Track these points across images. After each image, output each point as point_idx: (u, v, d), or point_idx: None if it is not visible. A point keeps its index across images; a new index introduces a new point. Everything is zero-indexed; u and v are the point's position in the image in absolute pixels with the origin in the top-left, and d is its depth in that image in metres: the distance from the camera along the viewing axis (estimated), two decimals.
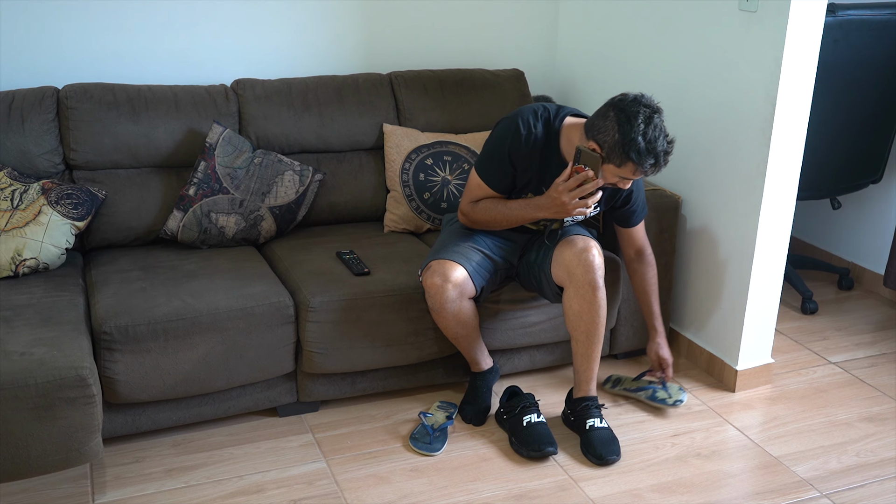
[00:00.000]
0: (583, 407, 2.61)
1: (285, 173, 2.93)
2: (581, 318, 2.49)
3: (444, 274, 2.45)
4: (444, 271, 2.45)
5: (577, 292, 2.46)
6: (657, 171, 2.31)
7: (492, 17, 3.55)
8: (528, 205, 2.45)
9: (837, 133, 3.26)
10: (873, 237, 3.74)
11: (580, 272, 2.44)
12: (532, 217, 2.46)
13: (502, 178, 2.50)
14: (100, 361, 2.34)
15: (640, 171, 2.29)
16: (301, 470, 2.47)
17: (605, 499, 2.38)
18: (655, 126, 2.25)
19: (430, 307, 2.52)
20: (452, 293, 2.45)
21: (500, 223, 2.54)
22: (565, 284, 2.49)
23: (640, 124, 2.23)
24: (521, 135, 2.44)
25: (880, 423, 2.77)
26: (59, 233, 2.63)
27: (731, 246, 2.87)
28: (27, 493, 2.32)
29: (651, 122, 2.24)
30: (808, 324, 3.46)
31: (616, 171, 2.30)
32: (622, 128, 2.24)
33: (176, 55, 3.13)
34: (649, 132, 2.23)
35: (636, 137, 2.23)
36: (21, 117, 2.75)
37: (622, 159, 2.26)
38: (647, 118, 2.24)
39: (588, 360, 2.57)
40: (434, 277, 2.46)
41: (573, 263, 2.45)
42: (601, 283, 2.46)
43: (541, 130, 2.45)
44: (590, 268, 2.44)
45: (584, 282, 2.45)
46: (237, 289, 2.54)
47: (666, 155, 2.28)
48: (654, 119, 2.25)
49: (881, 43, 3.15)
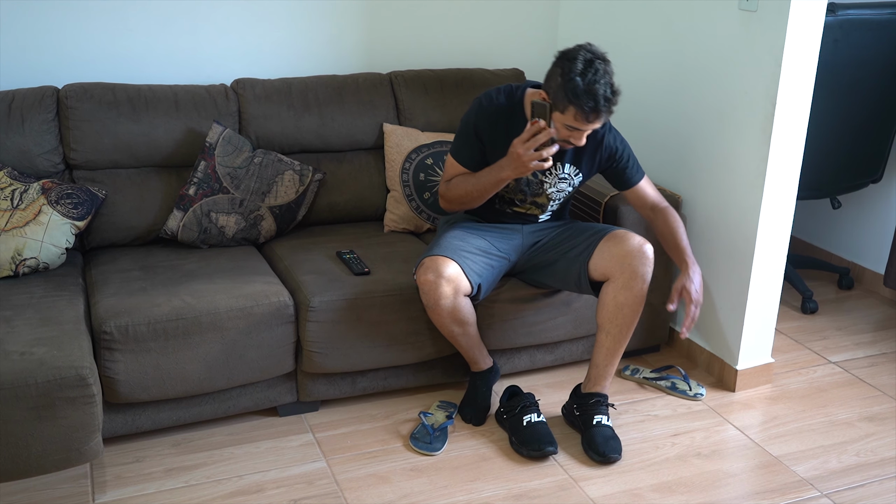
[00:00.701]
0: (594, 402, 2.61)
1: (285, 173, 2.93)
2: (621, 311, 2.51)
3: (437, 270, 2.45)
4: (436, 267, 2.46)
5: (626, 284, 2.49)
6: (600, 119, 2.32)
7: (492, 17, 3.55)
8: (493, 168, 2.50)
9: (837, 133, 3.26)
10: (873, 237, 3.74)
11: (636, 264, 2.48)
12: (497, 178, 2.48)
13: (471, 153, 2.56)
14: (100, 361, 2.34)
15: (581, 117, 2.30)
16: (301, 470, 2.47)
17: (605, 498, 2.38)
18: (596, 70, 2.28)
19: (425, 304, 2.52)
20: (446, 289, 2.45)
21: (472, 195, 2.56)
22: (613, 276, 2.51)
23: (579, 66, 2.27)
24: (483, 106, 2.53)
25: (880, 423, 2.77)
26: (59, 232, 2.63)
27: (731, 246, 2.87)
28: (27, 493, 2.32)
29: (591, 66, 2.28)
30: (808, 323, 3.46)
31: (562, 119, 2.34)
32: (563, 71, 2.30)
33: (176, 55, 3.12)
34: (588, 75, 2.27)
35: (574, 78, 2.27)
36: (21, 117, 2.75)
37: (564, 104, 2.30)
38: (588, 62, 2.28)
39: (612, 355, 2.59)
40: (427, 274, 2.46)
41: (630, 255, 2.48)
42: (649, 279, 2.50)
43: (503, 100, 2.53)
44: (647, 261, 2.49)
45: (638, 274, 2.48)
46: (237, 289, 2.54)
47: (608, 102, 2.29)
48: (596, 63, 2.29)
49: (881, 43, 3.16)
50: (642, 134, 3.22)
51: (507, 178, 2.46)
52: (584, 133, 2.38)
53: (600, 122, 2.34)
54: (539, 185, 2.61)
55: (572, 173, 2.61)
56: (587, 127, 2.34)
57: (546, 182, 2.60)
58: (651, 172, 3.18)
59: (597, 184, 3.01)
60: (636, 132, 3.26)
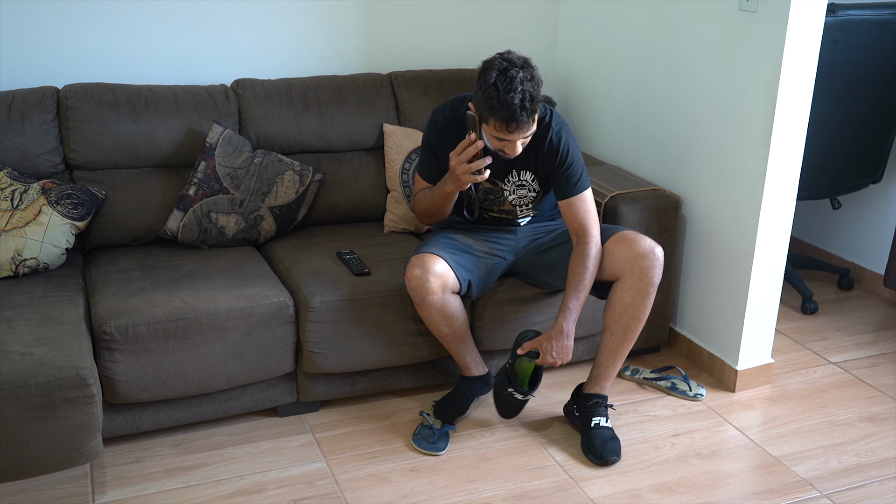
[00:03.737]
0: (592, 403, 2.61)
1: (285, 173, 2.94)
2: (627, 311, 2.51)
3: (424, 265, 2.46)
4: (423, 263, 2.47)
5: (634, 285, 2.49)
6: (521, 128, 2.28)
7: (492, 17, 3.55)
8: (440, 183, 2.54)
9: (837, 133, 3.26)
10: (873, 237, 3.74)
11: (646, 265, 2.48)
12: (442, 192, 2.52)
13: (431, 168, 2.61)
14: (100, 361, 2.34)
15: (501, 127, 2.29)
16: (301, 470, 2.47)
17: (605, 499, 2.38)
18: (511, 79, 2.23)
19: (414, 301, 2.52)
20: (434, 284, 2.45)
21: (430, 209, 2.60)
22: (622, 276, 2.51)
23: (493, 75, 2.25)
24: (433, 121, 2.58)
25: (880, 423, 2.77)
26: (59, 233, 2.63)
27: (731, 246, 2.87)
28: (27, 493, 2.32)
29: (505, 75, 2.24)
30: (808, 324, 3.46)
31: (488, 130, 2.34)
32: (480, 82, 2.29)
33: (176, 55, 3.13)
34: (501, 84, 2.23)
35: (488, 90, 2.25)
36: (21, 117, 2.75)
37: (486, 115, 2.31)
38: (502, 71, 2.26)
39: (615, 356, 2.59)
40: (414, 269, 2.47)
41: (640, 257, 2.48)
42: (658, 282, 2.51)
43: (448, 114, 2.55)
44: (657, 263, 2.49)
45: (648, 276, 2.48)
46: (237, 289, 2.54)
47: (524, 110, 2.25)
48: (510, 72, 2.24)
49: (881, 43, 3.16)
50: (642, 134, 3.22)
51: (451, 191, 2.49)
52: (515, 142, 2.34)
53: (523, 130, 2.30)
54: (500, 194, 2.62)
55: (529, 179, 2.59)
56: (512, 137, 2.31)
57: (505, 189, 2.61)
58: (651, 172, 3.18)
59: (596, 184, 3.01)
60: (636, 132, 3.26)
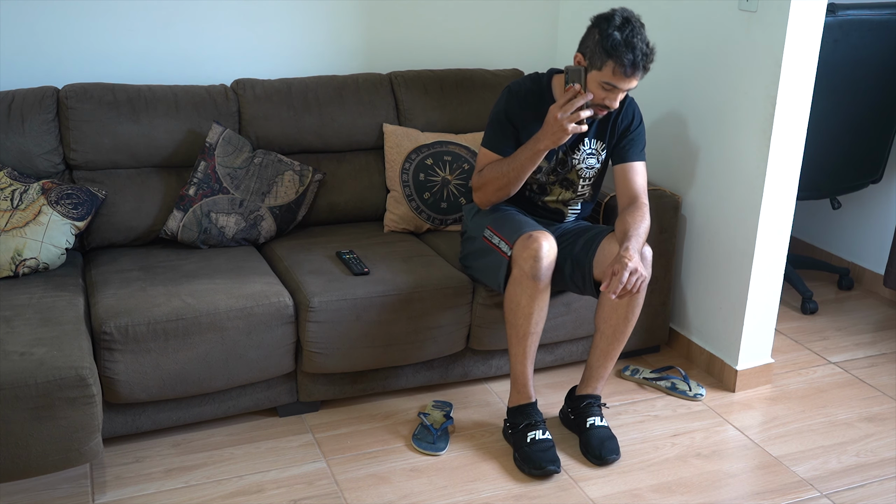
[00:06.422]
0: (585, 404, 2.61)
1: (285, 173, 2.94)
2: (616, 311, 2.51)
3: (540, 241, 2.41)
4: (540, 238, 2.42)
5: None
6: (637, 74, 2.36)
7: (492, 17, 3.55)
8: (529, 142, 2.51)
9: (837, 133, 3.26)
10: (873, 237, 3.74)
11: None
12: (534, 149, 2.48)
13: (505, 138, 2.59)
14: (100, 361, 2.34)
15: (619, 71, 2.34)
16: (301, 470, 2.47)
17: (605, 499, 2.38)
18: (633, 28, 2.35)
19: (527, 273, 2.41)
20: (546, 261, 2.41)
21: (507, 176, 2.54)
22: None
23: (617, 21, 2.35)
24: (513, 91, 2.60)
25: (880, 423, 2.77)
26: (59, 233, 2.63)
27: (731, 246, 2.87)
28: (27, 493, 2.32)
29: (628, 23, 2.35)
30: (808, 324, 3.46)
31: (599, 77, 2.38)
32: (600, 29, 2.37)
33: (176, 55, 3.12)
34: (626, 29, 2.34)
35: (612, 33, 2.33)
36: (21, 117, 2.75)
37: (602, 59, 2.35)
38: (624, 19, 2.37)
39: (606, 357, 2.58)
40: (534, 243, 2.41)
41: None
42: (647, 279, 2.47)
43: (529, 85, 2.60)
44: (645, 263, 2.46)
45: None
46: (237, 289, 2.54)
47: (645, 57, 2.36)
48: (633, 21, 2.36)
49: (881, 43, 3.16)
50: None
51: (544, 148, 2.46)
52: (621, 93, 2.41)
53: (637, 78, 2.38)
54: (568, 164, 2.63)
55: (599, 148, 2.64)
56: (625, 83, 2.38)
57: (575, 158, 2.62)
58: (651, 172, 3.17)
59: None
60: None
